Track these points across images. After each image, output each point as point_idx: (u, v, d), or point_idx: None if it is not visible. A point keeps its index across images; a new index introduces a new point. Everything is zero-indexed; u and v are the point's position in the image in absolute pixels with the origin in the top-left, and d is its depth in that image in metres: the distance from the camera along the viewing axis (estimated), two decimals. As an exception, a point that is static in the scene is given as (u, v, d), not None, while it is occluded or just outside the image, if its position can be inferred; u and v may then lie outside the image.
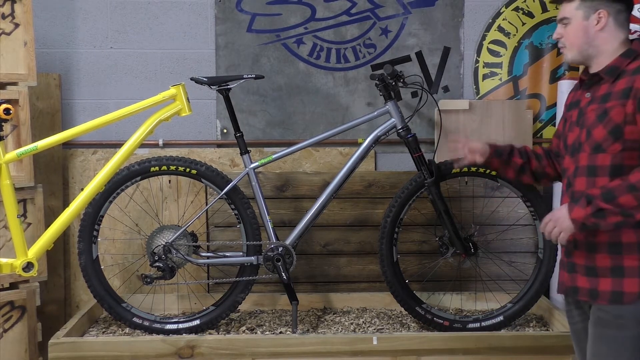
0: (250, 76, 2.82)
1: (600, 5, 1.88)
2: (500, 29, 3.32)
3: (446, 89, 3.19)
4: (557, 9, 2.02)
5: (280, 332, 2.86)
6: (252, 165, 2.85)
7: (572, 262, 1.93)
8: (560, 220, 1.82)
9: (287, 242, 2.84)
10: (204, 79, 2.80)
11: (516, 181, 2.78)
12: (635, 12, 2.93)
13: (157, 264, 2.78)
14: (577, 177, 1.90)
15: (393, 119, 2.82)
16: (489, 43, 3.33)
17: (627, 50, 1.87)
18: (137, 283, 3.15)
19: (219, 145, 3.33)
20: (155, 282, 2.82)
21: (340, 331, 2.89)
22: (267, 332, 2.87)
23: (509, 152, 2.22)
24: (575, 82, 2.11)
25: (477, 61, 3.34)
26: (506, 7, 3.32)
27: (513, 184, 2.81)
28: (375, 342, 2.61)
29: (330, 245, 3.25)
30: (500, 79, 3.34)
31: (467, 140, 2.30)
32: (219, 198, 2.84)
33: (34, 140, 2.66)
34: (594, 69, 1.91)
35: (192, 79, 2.85)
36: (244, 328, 2.92)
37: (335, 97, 3.32)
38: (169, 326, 2.83)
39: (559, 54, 3.31)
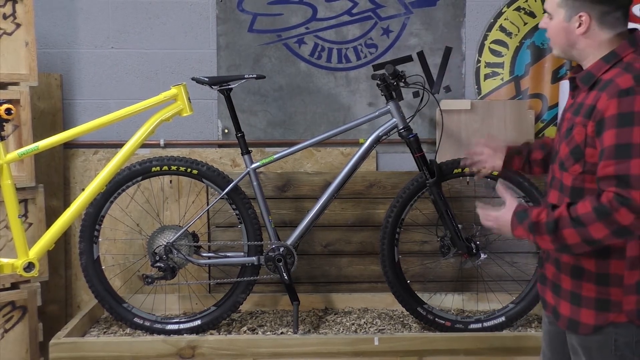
0: (251, 76, 2.82)
1: (581, 7, 1.63)
2: (502, 28, 3.32)
3: (448, 89, 3.18)
4: None
5: (282, 333, 2.86)
6: (253, 166, 2.85)
7: (543, 274, 1.82)
8: (503, 228, 1.70)
9: (289, 242, 2.84)
10: (205, 79, 2.81)
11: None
12: (636, 12, 2.92)
13: (158, 264, 2.79)
14: (552, 188, 1.75)
15: (394, 119, 2.82)
16: (490, 43, 3.32)
17: (609, 54, 1.64)
18: (138, 283, 3.15)
19: (220, 146, 3.32)
20: (156, 283, 2.83)
21: (342, 332, 2.89)
22: (268, 333, 2.87)
23: (527, 148, 2.02)
24: None
25: (478, 61, 3.33)
26: (508, 7, 3.32)
27: (516, 184, 2.81)
28: (376, 343, 2.60)
29: (331, 246, 3.25)
30: (502, 79, 3.33)
31: (485, 141, 2.07)
32: (220, 198, 2.85)
33: (35, 140, 2.66)
34: (584, 67, 1.71)
35: (193, 78, 2.85)
36: (245, 328, 2.92)
37: (336, 97, 3.32)
38: (170, 326, 2.84)
39: (560, 53, 3.30)
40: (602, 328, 1.65)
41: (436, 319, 2.85)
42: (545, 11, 1.73)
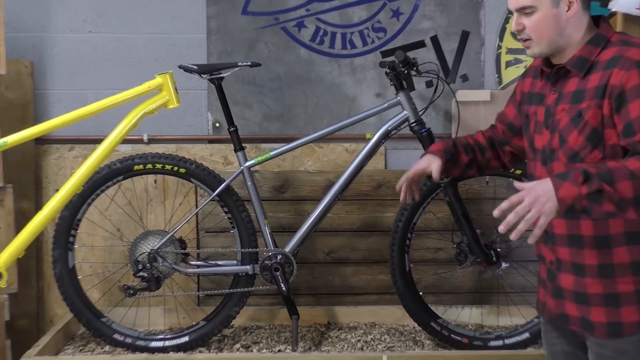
0: (245, 64, 2.83)
1: None
2: (526, 10, 3.30)
3: (465, 77, 3.17)
4: None
5: (279, 350, 2.86)
6: (248, 164, 2.85)
7: (558, 287, 1.81)
8: (541, 200, 1.51)
9: (287, 249, 2.84)
10: (194, 66, 2.81)
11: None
12: None
13: (141, 273, 2.79)
14: None
15: (405, 112, 2.81)
16: (512, 27, 3.31)
17: (595, 37, 1.76)
18: (119, 295, 3.14)
19: (211, 141, 3.32)
20: (139, 294, 2.82)
21: (346, 349, 2.89)
22: (265, 350, 2.87)
23: (454, 152, 2.07)
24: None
25: (499, 47, 3.32)
26: (532, -13, 3.30)
27: None
28: (385, 362, 2.59)
29: (334, 253, 3.25)
30: (526, 67, 3.31)
31: (414, 172, 2.05)
32: (211, 200, 2.85)
33: (3, 135, 2.64)
34: (559, 60, 1.80)
35: (180, 66, 2.85)
36: (238, 345, 2.92)
37: (340, 87, 3.31)
38: (154, 343, 2.84)
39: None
40: None
41: (452, 335, 2.85)
42: (519, 10, 1.77)
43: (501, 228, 1.55)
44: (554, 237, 1.78)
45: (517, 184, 1.57)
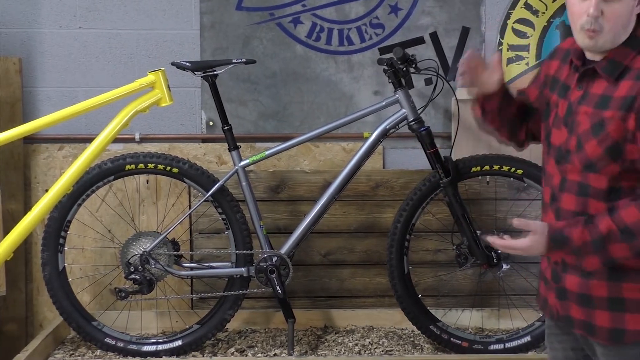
0: (240, 61, 2.84)
1: None
2: (528, 6, 3.31)
3: (465, 75, 3.16)
4: None
5: (275, 355, 2.87)
6: (242, 163, 2.86)
7: (562, 288, 1.78)
8: (532, 253, 1.67)
9: (283, 251, 2.85)
10: (187, 63, 2.82)
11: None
12: None
13: (133, 276, 2.79)
14: (565, 192, 1.73)
15: (404, 110, 2.82)
16: (514, 22, 3.32)
17: (631, 39, 1.65)
18: (110, 298, 3.14)
19: (204, 140, 3.32)
20: (130, 297, 2.83)
21: (344, 353, 2.90)
22: (260, 355, 2.88)
23: (510, 97, 1.92)
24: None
25: (500, 43, 3.33)
26: (534, -19, 3.32)
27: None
28: (383, 366, 2.61)
29: (331, 255, 3.25)
30: (527, 64, 3.33)
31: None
32: (204, 200, 2.86)
33: (-9, 134, 2.64)
34: (594, 56, 1.69)
35: (173, 63, 2.85)
36: (232, 350, 2.93)
37: (337, 85, 3.32)
38: (146, 347, 2.85)
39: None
40: None
41: (452, 338, 2.87)
42: None
43: (490, 239, 1.71)
44: None
45: (517, 222, 1.67)
